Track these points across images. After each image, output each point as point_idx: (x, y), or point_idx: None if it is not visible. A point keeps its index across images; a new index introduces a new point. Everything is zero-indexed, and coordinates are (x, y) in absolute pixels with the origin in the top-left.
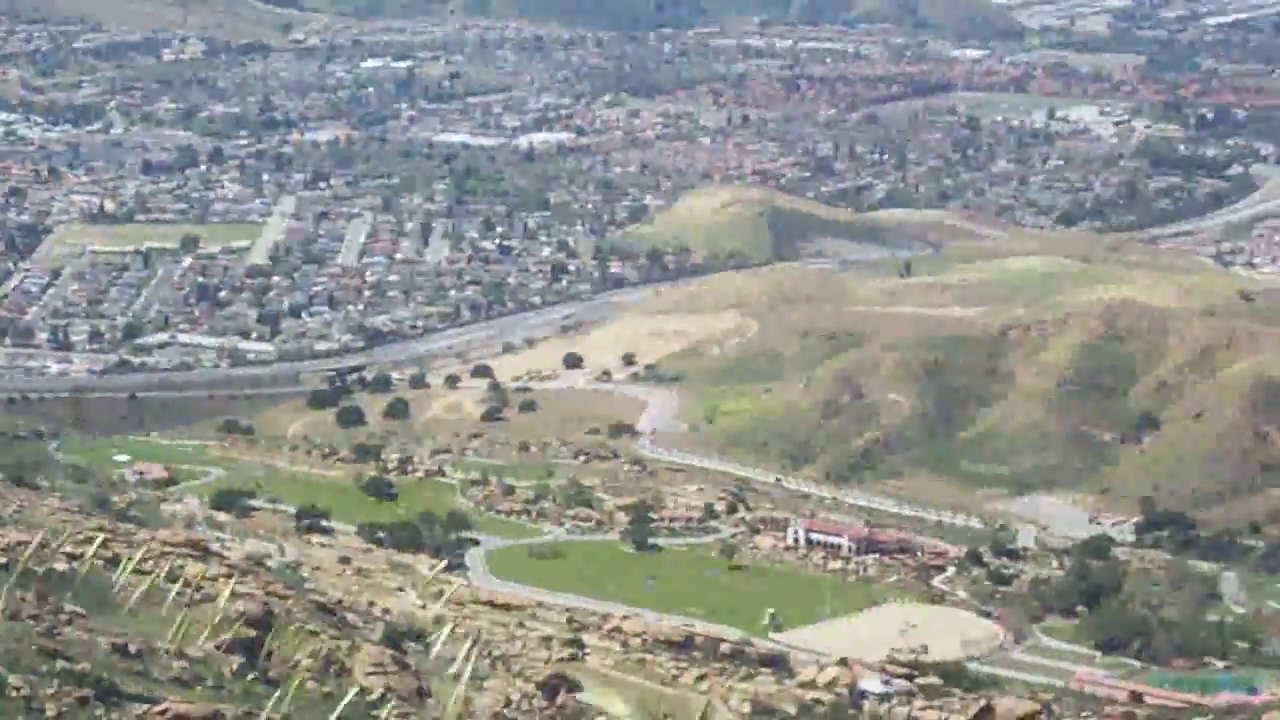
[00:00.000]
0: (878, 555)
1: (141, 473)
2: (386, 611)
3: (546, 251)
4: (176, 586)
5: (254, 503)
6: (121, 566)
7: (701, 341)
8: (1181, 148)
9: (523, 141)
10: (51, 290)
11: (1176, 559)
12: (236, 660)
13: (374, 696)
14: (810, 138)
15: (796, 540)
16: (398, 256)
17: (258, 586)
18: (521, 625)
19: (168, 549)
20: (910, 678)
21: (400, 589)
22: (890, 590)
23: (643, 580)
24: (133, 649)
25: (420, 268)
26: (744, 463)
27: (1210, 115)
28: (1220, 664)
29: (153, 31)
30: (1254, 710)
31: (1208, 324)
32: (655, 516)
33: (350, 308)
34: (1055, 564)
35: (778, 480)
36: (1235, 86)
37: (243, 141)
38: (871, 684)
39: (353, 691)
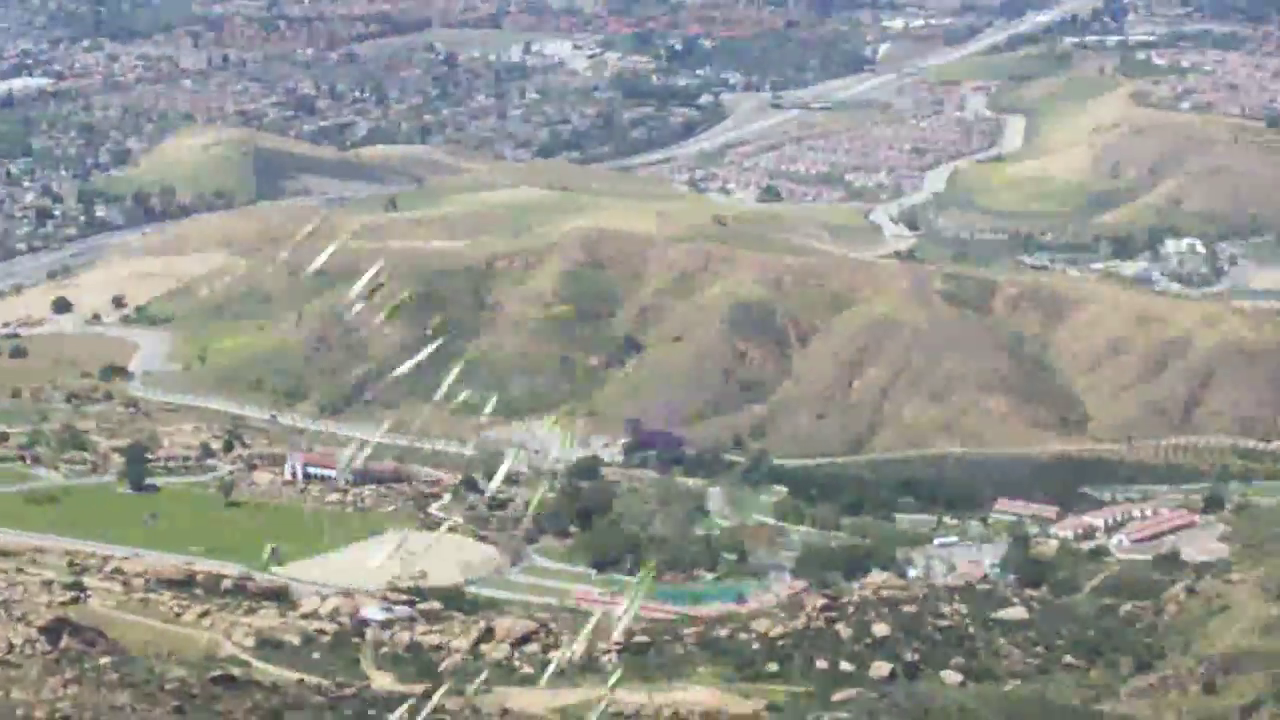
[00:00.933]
0: (374, 485)
1: None
2: None
3: (30, 197)
4: None
5: None
6: None
7: (191, 282)
8: (653, 78)
9: (1, 88)
10: None
11: (664, 477)
12: None
13: None
14: (291, 77)
15: (294, 475)
16: None
17: None
18: (21, 570)
19: None
20: (411, 604)
21: None
22: (388, 519)
23: (142, 520)
24: None
25: None
26: (239, 400)
27: (679, 46)
28: (709, 575)
29: None
30: (742, 618)
31: (684, 249)
32: (151, 457)
33: None
34: (548, 487)
35: (273, 416)
36: (702, 18)
37: None
38: (373, 612)
39: None
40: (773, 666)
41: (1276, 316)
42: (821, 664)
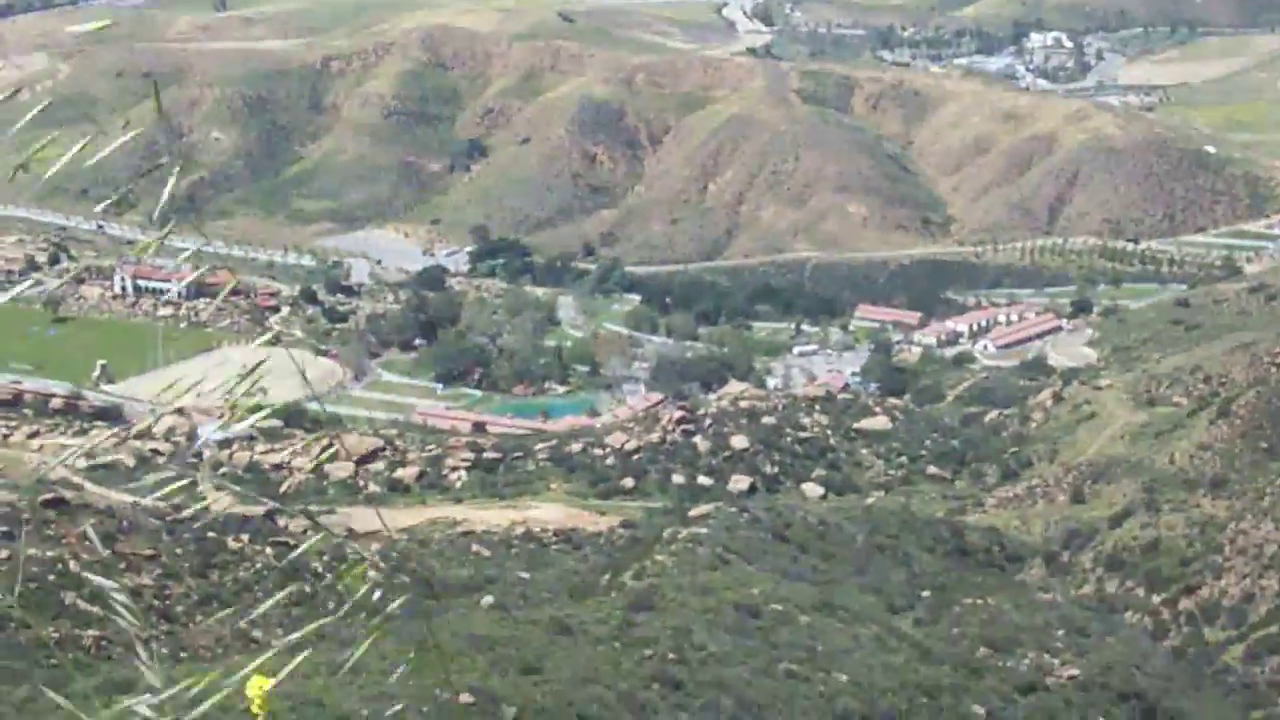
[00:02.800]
0: (209, 299)
1: None
2: None
3: None
4: None
5: None
6: None
7: (10, 86)
8: None
9: None
10: None
11: (513, 286)
12: None
13: None
14: None
15: (124, 288)
16: None
17: None
18: None
19: None
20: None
21: None
22: (224, 334)
23: None
24: None
25: None
26: (64, 211)
27: None
28: (561, 388)
29: None
30: (596, 432)
31: (529, 47)
32: None
33: None
34: (391, 298)
35: (100, 227)
36: None
37: None
38: (211, 430)
39: None
40: (628, 482)
41: (1145, 113)
42: (678, 478)
